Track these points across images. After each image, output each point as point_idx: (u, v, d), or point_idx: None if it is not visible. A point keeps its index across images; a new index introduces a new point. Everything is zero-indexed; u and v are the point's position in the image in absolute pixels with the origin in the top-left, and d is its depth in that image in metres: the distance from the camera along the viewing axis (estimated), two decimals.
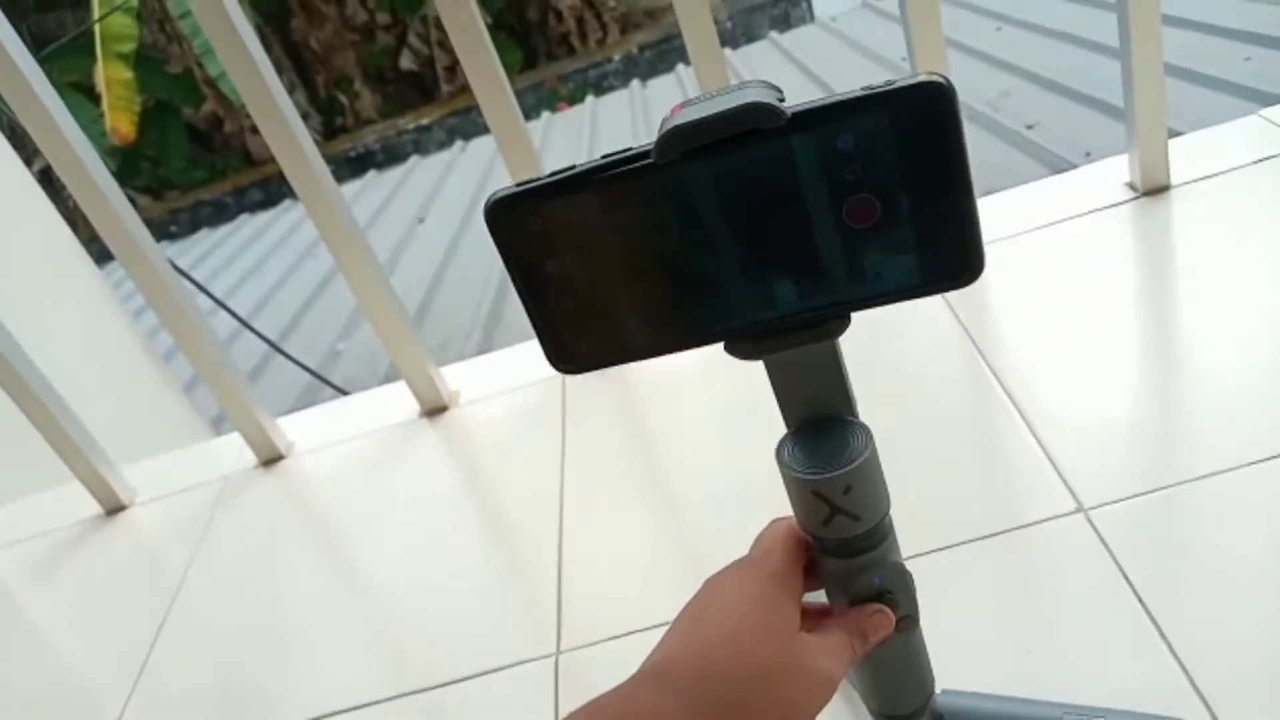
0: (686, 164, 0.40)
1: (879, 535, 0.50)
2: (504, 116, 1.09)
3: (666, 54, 9.15)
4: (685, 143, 0.39)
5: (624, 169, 0.41)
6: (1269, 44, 3.41)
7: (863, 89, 0.39)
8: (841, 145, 0.39)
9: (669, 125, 0.40)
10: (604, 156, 0.41)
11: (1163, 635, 0.69)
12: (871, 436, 0.47)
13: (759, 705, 0.43)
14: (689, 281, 0.43)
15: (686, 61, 1.07)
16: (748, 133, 0.39)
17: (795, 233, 0.41)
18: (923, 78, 0.38)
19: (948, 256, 0.41)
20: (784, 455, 0.48)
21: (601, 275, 0.43)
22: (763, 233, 0.41)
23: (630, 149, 0.41)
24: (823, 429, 0.48)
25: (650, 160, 0.40)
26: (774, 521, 0.51)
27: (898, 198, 0.40)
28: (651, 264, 0.43)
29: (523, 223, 0.42)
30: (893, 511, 0.50)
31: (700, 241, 0.42)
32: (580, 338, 0.45)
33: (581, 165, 0.41)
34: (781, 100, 0.39)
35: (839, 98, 0.38)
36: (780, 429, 0.49)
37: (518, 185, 0.42)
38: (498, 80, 1.07)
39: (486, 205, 0.42)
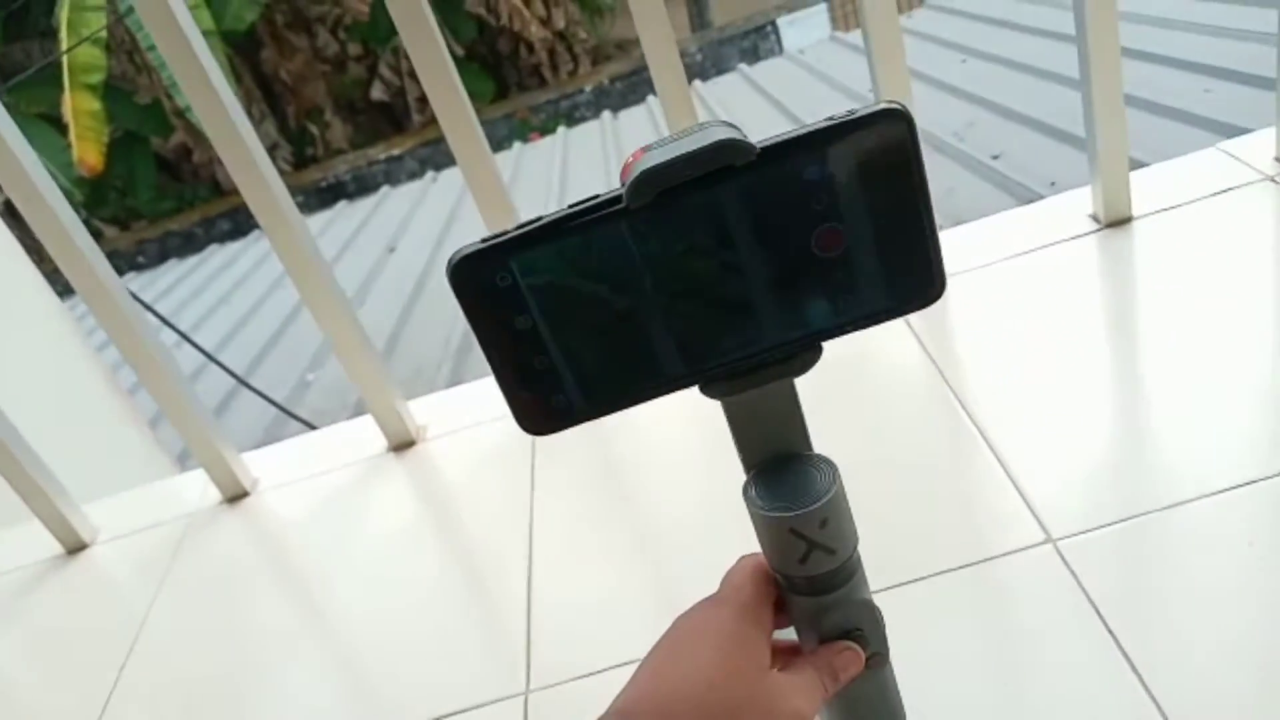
0: (658, 207, 0.40)
1: (848, 571, 0.50)
2: (471, 148, 1.09)
3: (637, 85, 9.20)
4: (658, 184, 0.39)
5: (595, 215, 0.40)
6: (1229, 77, 3.47)
7: (825, 120, 0.39)
8: (808, 176, 0.39)
9: (640, 169, 0.39)
10: (571, 205, 0.40)
11: (1132, 665, 0.70)
12: (836, 468, 0.47)
13: None
14: (665, 325, 0.43)
15: (656, 93, 1.08)
16: (717, 171, 0.39)
17: (768, 267, 0.41)
18: (881, 106, 0.39)
19: (912, 278, 0.42)
20: (753, 496, 0.47)
21: (571, 330, 0.42)
22: (737, 269, 0.41)
23: (598, 196, 0.41)
24: (786, 466, 0.48)
25: (621, 205, 0.40)
26: (742, 558, 0.51)
27: (863, 224, 0.40)
28: (626, 310, 0.42)
29: (490, 279, 0.41)
30: (861, 545, 0.49)
31: (675, 283, 0.42)
32: (550, 398, 0.44)
33: (549, 215, 0.40)
34: (745, 137, 0.40)
35: (803, 130, 0.39)
36: None
37: (483, 241, 0.41)
38: (464, 113, 1.07)
39: (450, 264, 0.41)
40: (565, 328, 0.42)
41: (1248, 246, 1.06)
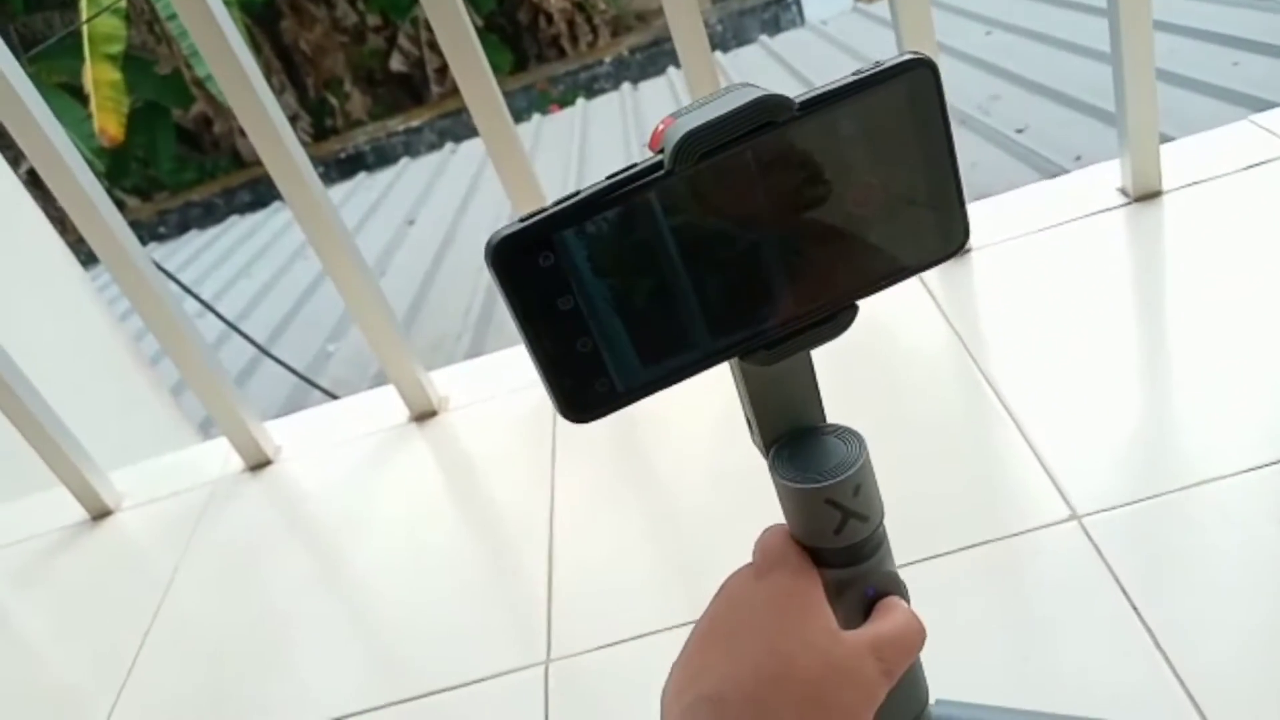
0: (700, 169, 0.39)
1: (876, 540, 0.49)
2: (493, 120, 1.09)
3: (657, 57, 9.14)
4: (703, 144, 0.39)
5: (637, 184, 0.40)
6: (1257, 49, 3.42)
7: (852, 74, 0.39)
8: (844, 130, 0.39)
9: (681, 131, 0.39)
10: (609, 176, 0.40)
11: (1156, 642, 0.69)
12: (861, 435, 0.47)
13: (818, 716, 0.41)
14: (710, 293, 0.42)
15: (678, 64, 1.07)
16: (755, 130, 0.39)
17: (806, 228, 0.41)
18: (906, 55, 0.39)
19: (940, 227, 0.42)
20: (781, 470, 0.47)
21: (618, 304, 0.41)
22: (781, 230, 0.41)
23: (635, 164, 0.40)
24: (808, 439, 0.48)
25: (663, 171, 0.39)
26: (770, 528, 0.50)
27: (895, 176, 0.41)
28: (671, 281, 0.41)
29: (532, 260, 0.39)
30: (886, 520, 0.49)
31: (718, 250, 0.41)
32: (595, 381, 0.42)
33: (588, 188, 0.39)
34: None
35: (836, 84, 0.39)
36: None
37: (521, 221, 0.39)
38: (487, 84, 1.06)
39: (490, 246, 0.39)
40: (610, 306, 0.41)
41: (1277, 220, 1.04)
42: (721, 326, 0.43)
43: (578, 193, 0.39)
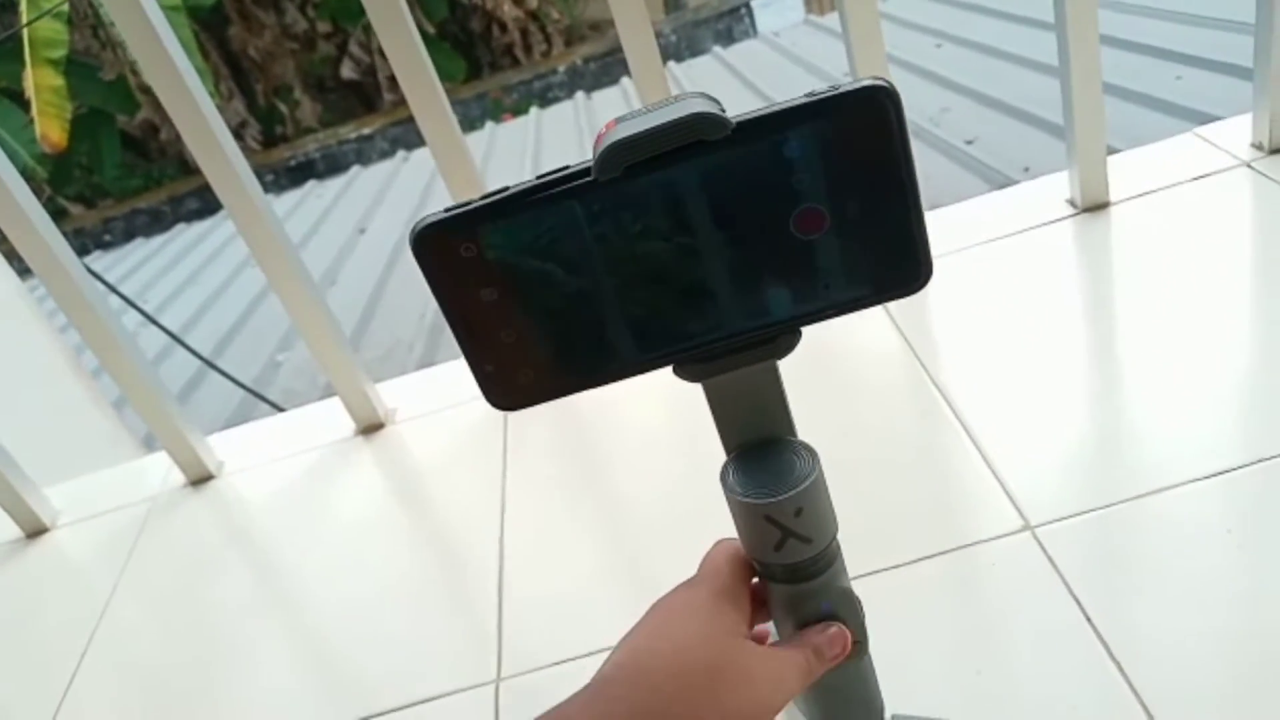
0: (629, 180, 0.38)
1: (827, 559, 0.48)
2: (441, 131, 1.07)
3: (611, 66, 9.14)
4: (627, 157, 0.38)
5: (563, 188, 0.39)
6: (1199, 64, 3.49)
7: (806, 95, 0.38)
8: (788, 153, 0.38)
9: (609, 140, 0.38)
10: (539, 176, 0.39)
11: (1110, 653, 0.69)
12: (817, 456, 0.46)
13: (694, 706, 0.41)
14: (634, 304, 0.41)
15: (631, 74, 1.06)
16: (691, 145, 0.37)
17: (744, 247, 0.40)
18: (866, 82, 0.37)
19: (896, 263, 0.40)
20: (729, 480, 0.46)
21: (540, 302, 0.41)
22: (710, 249, 0.40)
23: (567, 167, 0.39)
24: (766, 451, 0.47)
25: (590, 178, 0.38)
26: (719, 543, 0.50)
27: (846, 205, 0.39)
28: (594, 288, 0.41)
29: (454, 250, 0.39)
30: (839, 531, 0.48)
31: (645, 261, 0.40)
32: (518, 371, 0.42)
33: (515, 186, 0.39)
34: (723, 111, 0.38)
35: (783, 105, 0.38)
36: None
37: (446, 211, 0.39)
38: (434, 95, 1.05)
39: (413, 234, 0.39)
40: (532, 302, 0.41)
41: (1225, 232, 1.06)
42: (647, 337, 0.42)
43: (505, 189, 0.39)
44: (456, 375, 1.28)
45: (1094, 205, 1.15)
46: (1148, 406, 0.89)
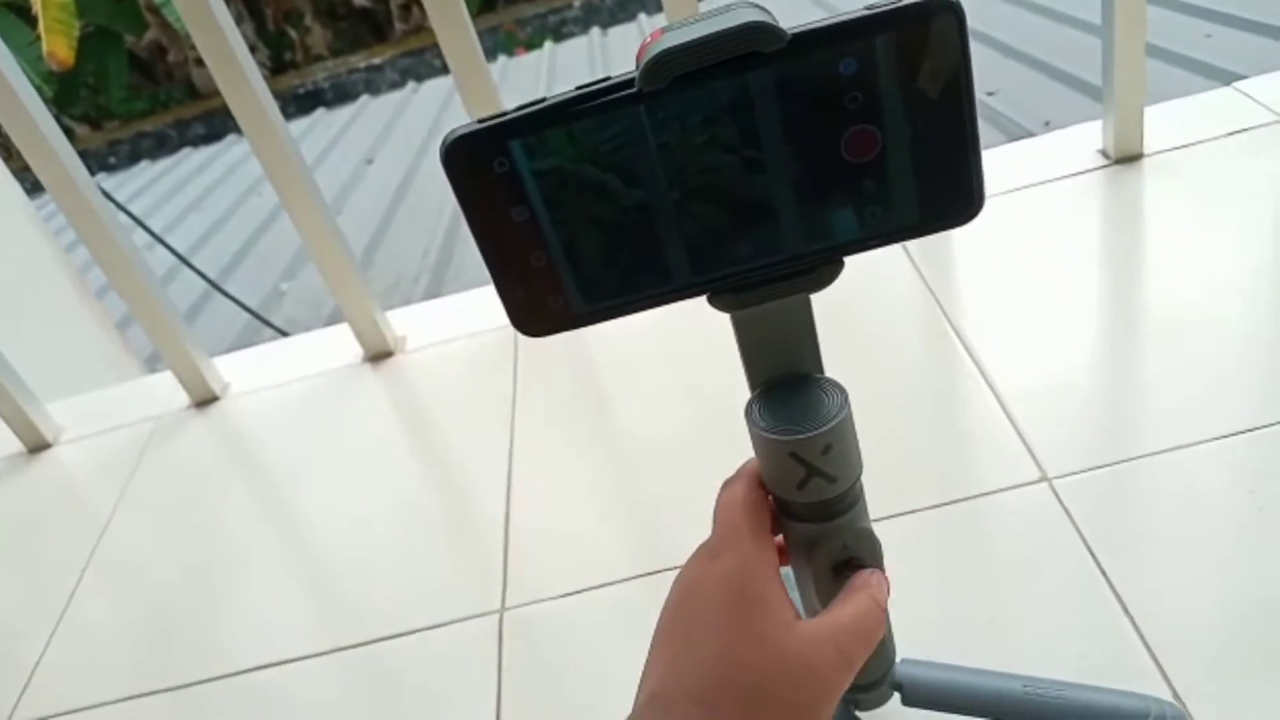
0: (673, 93, 0.36)
1: (850, 499, 0.47)
2: (463, 52, 1.04)
3: (627, 3, 8.97)
4: (676, 68, 0.36)
5: (603, 100, 0.37)
6: (1229, 22, 3.42)
7: (865, 8, 0.36)
8: (844, 70, 0.36)
9: (656, 49, 0.36)
10: (579, 87, 0.37)
11: (1124, 608, 0.68)
12: (846, 394, 0.44)
13: (768, 714, 0.39)
14: (675, 227, 0.39)
15: (649, 11, 1.02)
16: (742, 57, 0.35)
17: (793, 168, 0.38)
18: None
19: (948, 192, 0.39)
20: (755, 416, 0.44)
21: (576, 223, 0.39)
22: (758, 169, 0.38)
23: (609, 78, 0.37)
24: (794, 388, 0.45)
25: (634, 90, 0.36)
26: (725, 489, 0.47)
27: (900, 128, 0.37)
28: (631, 208, 0.39)
29: (485, 165, 0.37)
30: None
31: (690, 179, 0.38)
32: (548, 297, 0.41)
33: (553, 97, 0.37)
34: (776, 21, 0.36)
35: (842, 18, 0.36)
36: (736, 374, 0.46)
37: (479, 122, 0.37)
38: (458, 14, 1.02)
39: (444, 144, 0.37)
40: (567, 222, 0.39)
41: (1259, 189, 1.03)
42: (689, 260, 0.40)
43: (541, 100, 0.37)
44: (468, 304, 1.27)
45: (1126, 156, 1.13)
46: (1172, 361, 0.87)
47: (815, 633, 0.41)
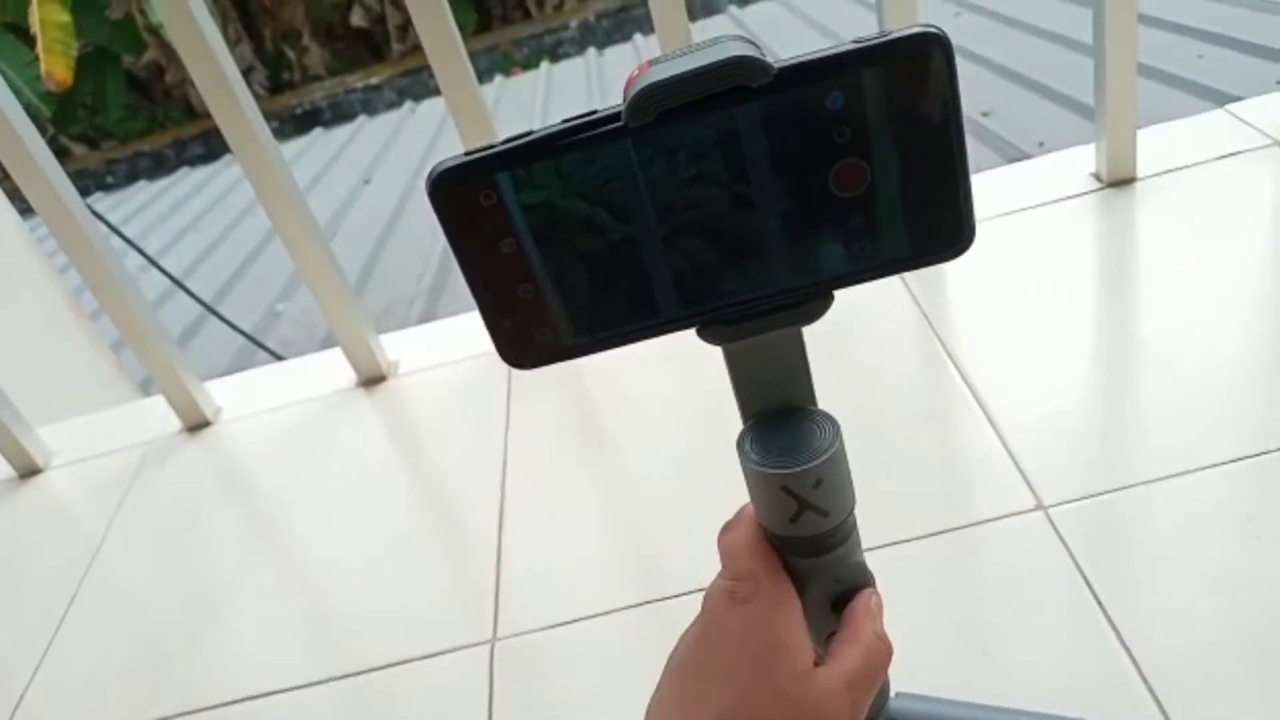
0: (660, 127, 0.36)
1: (843, 533, 0.47)
2: (456, 77, 1.04)
3: (624, 24, 9.03)
4: (661, 102, 0.35)
5: (590, 134, 0.36)
6: (1222, 43, 3.44)
7: (853, 41, 0.35)
8: (831, 104, 0.35)
9: (643, 83, 0.35)
10: (565, 121, 0.37)
11: (1120, 637, 0.68)
12: (839, 427, 0.44)
13: None
14: (663, 261, 0.39)
15: (644, 31, 1.03)
16: (728, 91, 0.35)
17: (779, 204, 0.37)
18: (917, 28, 0.35)
19: (938, 225, 0.38)
20: (746, 448, 0.44)
21: (564, 256, 0.39)
22: (746, 203, 0.38)
23: (595, 111, 0.37)
24: (786, 419, 0.45)
25: (620, 123, 0.36)
26: (727, 534, 0.46)
27: (888, 161, 0.36)
28: (619, 241, 0.38)
29: (473, 197, 0.37)
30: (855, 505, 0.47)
31: (674, 215, 0.38)
32: (535, 329, 0.40)
33: (540, 130, 0.37)
34: (763, 55, 0.35)
35: (829, 51, 0.35)
36: (731, 407, 0.45)
37: (466, 155, 0.37)
38: (451, 40, 1.02)
39: (430, 178, 0.37)
40: (555, 255, 0.38)
41: (1252, 212, 1.03)
42: (676, 294, 0.40)
43: (530, 133, 0.36)
44: (461, 329, 1.26)
45: (1119, 180, 1.13)
46: (1167, 387, 0.86)
47: (830, 683, 0.41)
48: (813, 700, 0.40)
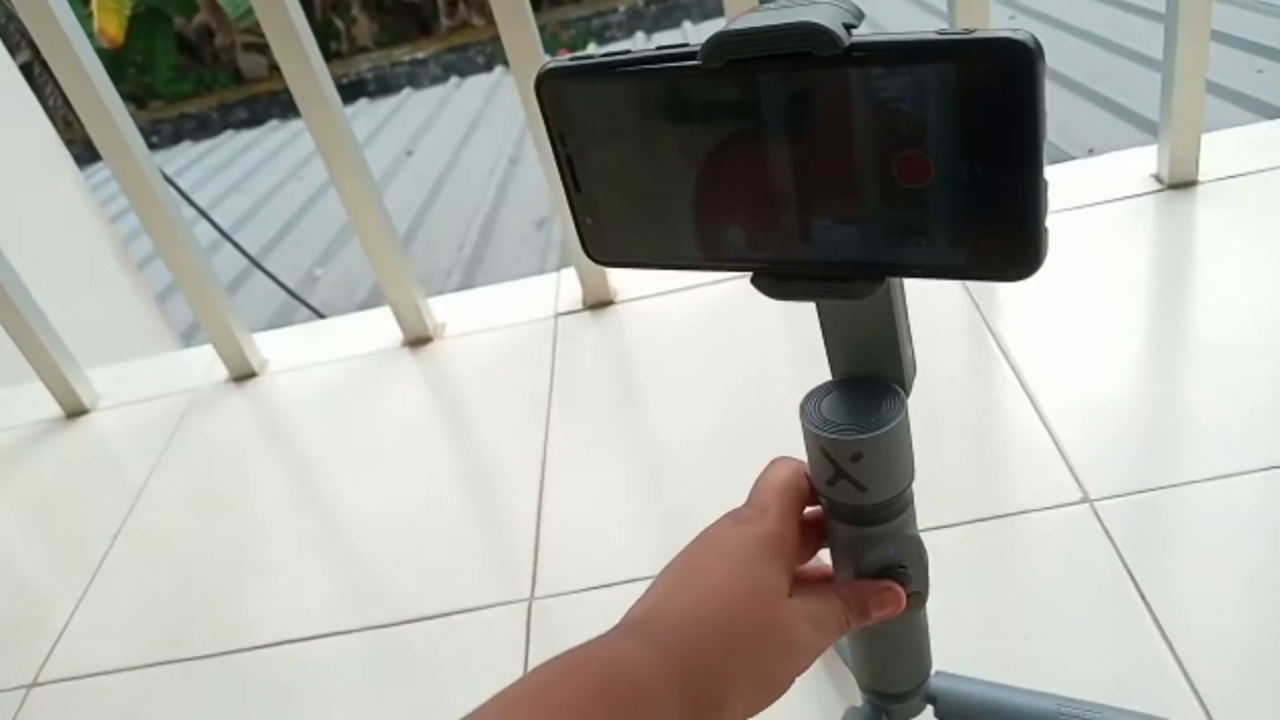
0: (732, 74, 0.36)
1: (897, 507, 0.47)
2: (524, 48, 1.05)
3: (672, 10, 8.99)
4: (729, 51, 0.35)
5: (670, 65, 0.37)
6: None
7: (937, 32, 0.33)
8: (900, 91, 0.34)
9: (726, 29, 0.36)
10: (659, 48, 0.38)
11: (1162, 631, 0.67)
12: (904, 409, 0.44)
13: (735, 664, 0.41)
14: (721, 199, 0.39)
15: (694, 19, 1.03)
16: (798, 54, 0.34)
17: (837, 176, 0.36)
18: (1005, 33, 0.32)
19: (1003, 243, 0.35)
20: (809, 403, 0.44)
21: (638, 171, 0.40)
22: (802, 167, 0.37)
23: (685, 45, 0.37)
24: (859, 388, 0.45)
25: (696, 62, 0.36)
26: (775, 463, 0.48)
27: (956, 163, 0.34)
28: (685, 172, 0.39)
29: (572, 98, 0.40)
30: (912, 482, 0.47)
31: (737, 160, 0.38)
32: (614, 230, 0.43)
33: (635, 51, 0.38)
34: (852, 25, 0.35)
35: (907, 36, 0.33)
36: (772, 381, 0.46)
37: (572, 58, 0.39)
38: (522, 12, 1.03)
39: (539, 73, 0.40)
40: (630, 169, 0.40)
41: None
42: (735, 234, 0.40)
43: (626, 51, 0.39)
44: (508, 295, 1.27)
45: (1181, 182, 1.11)
46: (1218, 389, 0.86)
47: (799, 611, 0.43)
48: (784, 616, 0.43)
